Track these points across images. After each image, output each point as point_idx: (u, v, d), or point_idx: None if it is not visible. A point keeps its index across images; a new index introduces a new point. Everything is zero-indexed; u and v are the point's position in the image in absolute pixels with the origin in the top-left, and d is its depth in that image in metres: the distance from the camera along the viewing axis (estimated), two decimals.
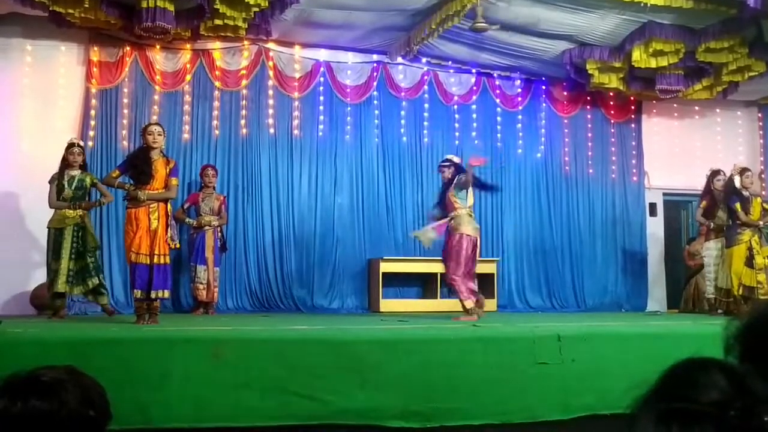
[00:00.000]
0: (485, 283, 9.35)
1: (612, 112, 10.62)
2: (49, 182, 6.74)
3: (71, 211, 6.61)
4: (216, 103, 8.86)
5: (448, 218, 6.93)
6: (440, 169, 7.32)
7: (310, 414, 3.98)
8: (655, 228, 10.77)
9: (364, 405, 4.06)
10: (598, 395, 4.36)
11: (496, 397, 4.31)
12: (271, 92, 9.07)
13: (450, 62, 9.71)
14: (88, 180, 6.75)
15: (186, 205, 8.06)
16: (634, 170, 10.66)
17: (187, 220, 7.94)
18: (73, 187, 6.63)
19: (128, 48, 8.53)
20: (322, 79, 9.27)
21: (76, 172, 6.72)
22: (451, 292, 7.44)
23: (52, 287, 6.53)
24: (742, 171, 8.03)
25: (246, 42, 8.85)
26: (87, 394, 1.28)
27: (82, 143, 7.13)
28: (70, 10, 7.31)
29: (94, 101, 8.42)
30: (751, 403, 0.82)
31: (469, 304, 6.80)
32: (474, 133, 9.89)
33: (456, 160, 7.31)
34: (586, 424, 4.34)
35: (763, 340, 1.08)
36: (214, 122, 8.83)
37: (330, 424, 3.99)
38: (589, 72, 9.16)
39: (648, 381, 0.92)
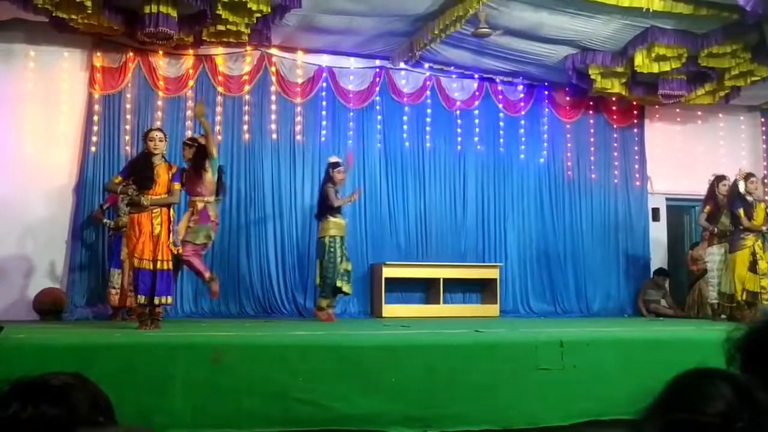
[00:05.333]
0: (488, 288, 9.37)
1: (614, 117, 10.61)
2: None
3: None
4: (219, 109, 8.87)
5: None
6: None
7: (312, 419, 3.97)
8: (658, 233, 10.75)
9: (366, 411, 4.05)
10: (599, 401, 4.35)
11: (496, 402, 4.30)
12: (273, 98, 9.08)
13: (452, 67, 9.71)
14: None
15: (105, 205, 7.77)
16: (637, 175, 10.64)
17: (104, 220, 7.70)
18: None
19: (131, 53, 8.55)
20: (324, 84, 9.28)
21: None
22: None
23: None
24: (747, 176, 8.00)
25: (248, 47, 8.86)
26: (96, 399, 1.28)
27: None
28: (73, 16, 7.31)
29: (97, 107, 8.43)
30: (757, 414, 0.81)
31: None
32: (476, 138, 9.89)
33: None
34: (587, 430, 4.33)
35: (765, 350, 1.07)
36: (217, 127, 8.83)
37: (332, 430, 3.98)
38: (592, 77, 9.15)
39: (651, 388, 0.91)
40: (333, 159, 7.82)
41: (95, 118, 8.40)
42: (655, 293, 10.04)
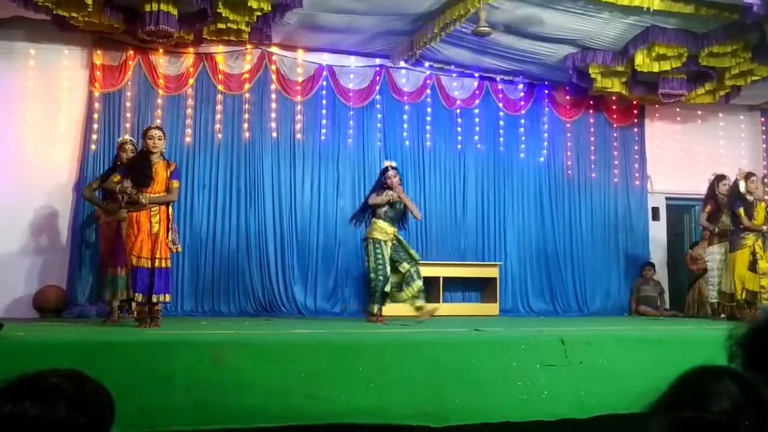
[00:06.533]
0: (488, 288, 9.37)
1: (615, 116, 10.61)
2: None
3: None
4: (219, 107, 8.87)
5: None
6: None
7: (315, 414, 3.96)
8: (658, 232, 10.75)
9: (371, 404, 4.04)
10: (612, 395, 4.33)
11: (509, 395, 4.28)
12: (273, 96, 9.08)
13: (453, 66, 9.70)
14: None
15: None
16: (637, 174, 10.64)
17: None
18: None
19: (131, 52, 8.55)
20: (324, 83, 9.27)
21: None
22: None
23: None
24: (748, 175, 8.01)
25: (249, 46, 8.85)
26: (84, 401, 1.27)
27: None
28: (74, 14, 7.31)
29: (97, 105, 8.42)
30: (764, 413, 0.81)
31: None
32: (476, 137, 9.89)
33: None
34: (602, 424, 4.31)
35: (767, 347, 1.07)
36: (217, 126, 8.83)
37: (339, 424, 3.96)
38: (592, 76, 9.15)
39: (654, 386, 0.91)
40: (385, 164, 7.49)
41: (95, 116, 8.40)
42: (651, 289, 10.02)
